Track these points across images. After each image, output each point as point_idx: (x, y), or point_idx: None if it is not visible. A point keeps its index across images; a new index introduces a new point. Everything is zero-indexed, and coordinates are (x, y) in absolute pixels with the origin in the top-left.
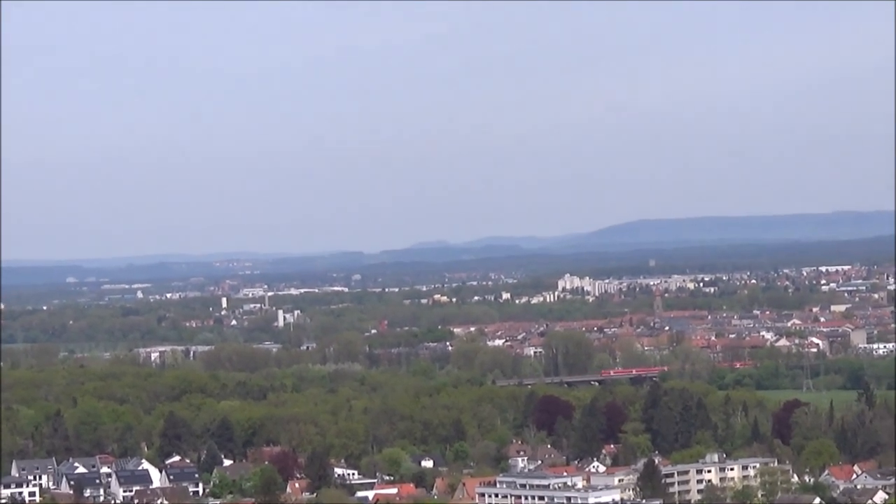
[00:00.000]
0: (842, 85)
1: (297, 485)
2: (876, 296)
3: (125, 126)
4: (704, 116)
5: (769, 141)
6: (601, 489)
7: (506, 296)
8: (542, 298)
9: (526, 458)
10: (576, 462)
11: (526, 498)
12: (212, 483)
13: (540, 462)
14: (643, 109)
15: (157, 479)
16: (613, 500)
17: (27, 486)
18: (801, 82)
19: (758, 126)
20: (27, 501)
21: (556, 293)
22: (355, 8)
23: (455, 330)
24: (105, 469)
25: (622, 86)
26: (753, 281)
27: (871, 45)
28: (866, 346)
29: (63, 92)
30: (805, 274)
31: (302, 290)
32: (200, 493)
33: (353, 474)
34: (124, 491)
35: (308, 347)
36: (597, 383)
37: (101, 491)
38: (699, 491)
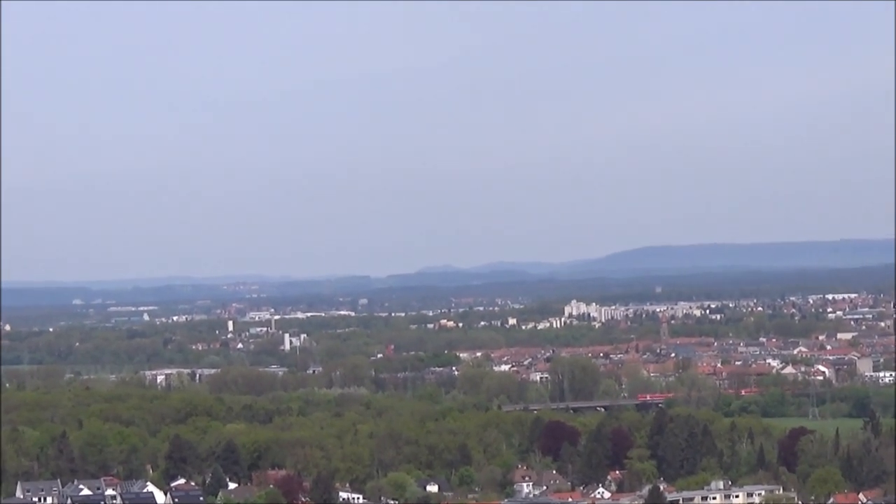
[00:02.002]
0: (847, 113)
1: None
2: (882, 324)
3: (133, 148)
4: (710, 144)
5: (775, 168)
6: None
7: (512, 321)
8: (548, 324)
9: (531, 484)
10: (581, 488)
11: None
12: None
13: (545, 487)
14: (649, 137)
15: (161, 501)
16: None
17: None
18: (807, 110)
19: (764, 154)
20: None
21: (563, 319)
22: (363, 33)
23: (461, 355)
24: (110, 491)
25: (627, 114)
26: (760, 308)
27: (880, 71)
28: (872, 374)
29: (69, 113)
30: (811, 302)
31: (308, 314)
32: None
33: (358, 498)
34: None
35: (314, 371)
36: (603, 409)
37: None
38: None
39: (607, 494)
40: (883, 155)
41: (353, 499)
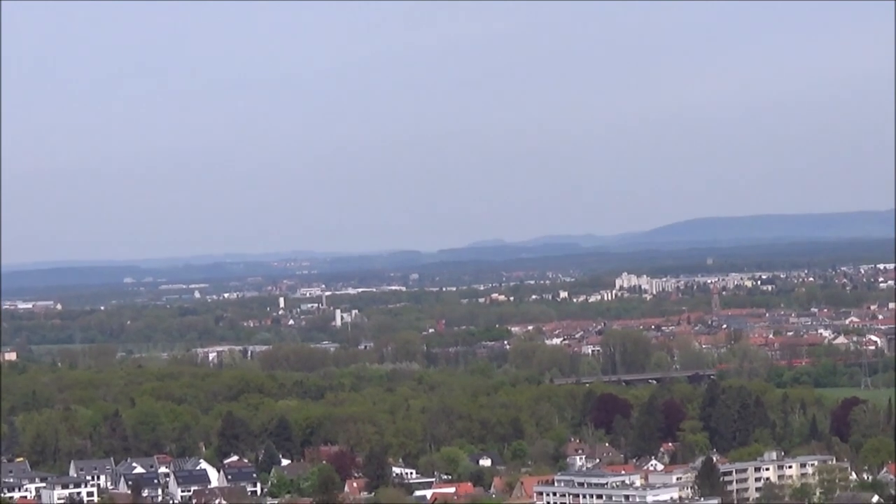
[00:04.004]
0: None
1: (354, 484)
2: None
3: (182, 128)
4: (760, 114)
5: (826, 138)
6: (659, 487)
7: (563, 294)
8: (599, 297)
9: (584, 457)
10: (634, 460)
11: (584, 496)
12: (270, 483)
13: (598, 460)
14: (699, 108)
15: (215, 478)
16: (671, 498)
17: (85, 486)
18: (855, 78)
19: (814, 123)
20: (85, 501)
21: (614, 291)
22: (402, 10)
23: (513, 329)
24: (163, 469)
25: (677, 85)
26: (811, 279)
27: None
28: None
29: (117, 96)
30: (863, 271)
31: (359, 290)
32: (258, 492)
33: (411, 473)
34: (182, 491)
35: (366, 347)
36: (655, 381)
37: (159, 491)
38: (757, 489)
39: (660, 466)
40: None
41: (406, 473)
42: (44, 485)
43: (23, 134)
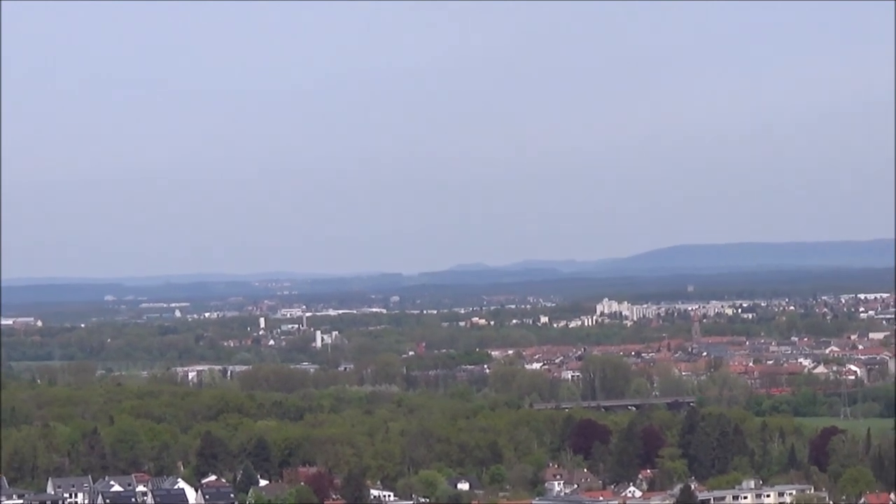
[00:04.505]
0: (881, 110)
1: None
2: None
3: (164, 144)
4: (743, 142)
5: (808, 167)
6: None
7: (544, 319)
8: (580, 322)
9: (562, 482)
10: (612, 486)
11: None
12: (247, 503)
13: (576, 486)
14: (681, 135)
15: (192, 498)
16: None
17: (63, 503)
18: (840, 107)
19: (797, 152)
20: None
21: (595, 317)
22: (389, 23)
23: (493, 353)
24: (141, 488)
25: (660, 111)
26: (792, 307)
27: None
28: None
29: (100, 108)
30: (843, 301)
31: (340, 311)
32: None
33: (389, 496)
34: None
35: (345, 368)
36: (634, 408)
37: None
38: None
39: (638, 493)
40: None
41: (384, 496)
42: (21, 502)
43: (7, 146)
